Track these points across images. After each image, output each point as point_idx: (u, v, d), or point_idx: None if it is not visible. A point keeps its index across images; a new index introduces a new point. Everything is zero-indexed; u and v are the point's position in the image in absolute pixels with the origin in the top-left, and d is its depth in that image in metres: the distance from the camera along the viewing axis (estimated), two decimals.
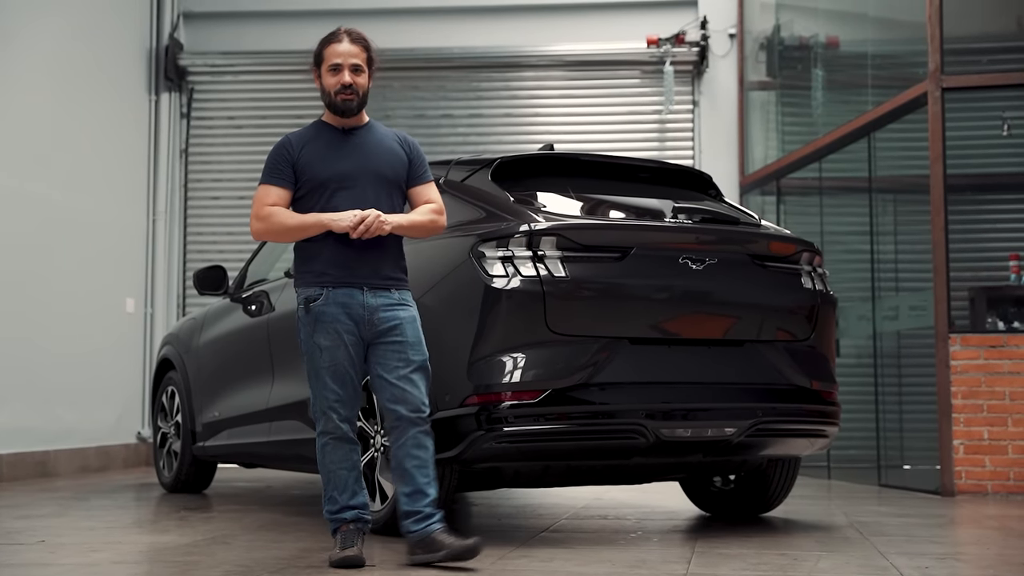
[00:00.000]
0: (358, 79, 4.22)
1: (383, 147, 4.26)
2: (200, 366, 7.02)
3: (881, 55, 8.67)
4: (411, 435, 4.05)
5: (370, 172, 4.19)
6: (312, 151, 4.18)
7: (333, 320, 4.07)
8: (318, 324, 4.07)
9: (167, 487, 7.37)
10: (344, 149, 4.20)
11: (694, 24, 10.42)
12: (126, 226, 10.07)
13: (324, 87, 4.23)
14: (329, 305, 4.07)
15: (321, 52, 4.24)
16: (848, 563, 4.21)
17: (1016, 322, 7.68)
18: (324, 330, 4.07)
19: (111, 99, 9.87)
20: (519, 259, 4.56)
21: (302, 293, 4.14)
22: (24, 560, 4.31)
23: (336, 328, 4.07)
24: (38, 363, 8.48)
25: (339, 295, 4.08)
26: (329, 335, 4.07)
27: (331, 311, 4.07)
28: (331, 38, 4.25)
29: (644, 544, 4.72)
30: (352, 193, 4.13)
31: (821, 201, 9.44)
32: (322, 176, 4.14)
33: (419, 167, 4.31)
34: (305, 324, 4.11)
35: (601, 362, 4.57)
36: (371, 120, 4.35)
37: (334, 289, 4.08)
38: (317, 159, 4.16)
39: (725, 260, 4.89)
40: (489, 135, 10.61)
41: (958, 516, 6.10)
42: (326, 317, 4.07)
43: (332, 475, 4.12)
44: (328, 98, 4.22)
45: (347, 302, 4.08)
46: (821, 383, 5.11)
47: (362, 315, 4.08)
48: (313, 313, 4.08)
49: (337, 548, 4.04)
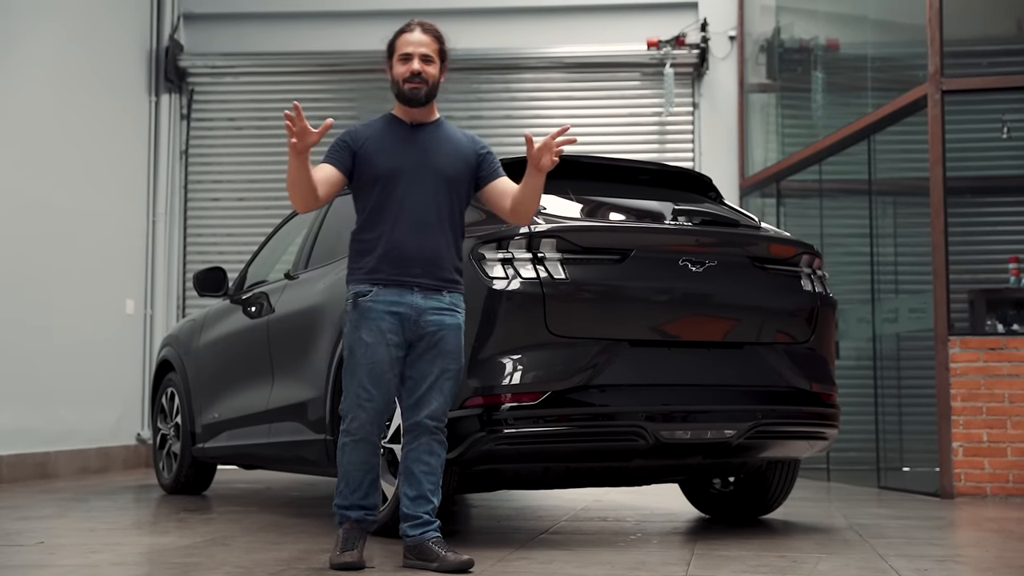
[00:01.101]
0: (428, 68, 4.10)
1: (449, 146, 4.18)
2: (200, 367, 7.02)
3: (881, 58, 8.68)
4: (424, 441, 4.04)
5: (430, 169, 4.10)
6: (376, 143, 4.11)
7: (379, 318, 3.99)
8: (363, 320, 3.99)
9: (167, 488, 7.36)
10: (408, 144, 4.12)
11: (694, 26, 10.43)
12: (126, 227, 10.07)
13: (394, 77, 4.13)
14: (378, 302, 4.00)
15: (393, 43, 4.15)
16: (847, 565, 4.21)
17: (1016, 325, 7.69)
18: (369, 327, 3.99)
19: (111, 100, 9.87)
20: (519, 261, 4.56)
21: (352, 288, 4.06)
22: (24, 561, 4.31)
23: (380, 326, 3.99)
24: (38, 364, 8.48)
25: (389, 293, 4.01)
26: (372, 332, 3.99)
27: (378, 308, 3.99)
28: (404, 28, 4.16)
29: (644, 546, 4.73)
30: (411, 188, 4.06)
31: (821, 203, 9.45)
32: (381, 170, 4.07)
33: (492, 164, 4.28)
34: (351, 319, 4.03)
35: (601, 364, 4.57)
36: (441, 118, 4.28)
37: (385, 287, 4.01)
38: (380, 152, 4.09)
39: (725, 262, 4.89)
40: (489, 137, 10.42)
41: (957, 518, 6.10)
42: (372, 314, 3.99)
43: (348, 474, 4.07)
44: (396, 87, 4.13)
45: (396, 301, 4.00)
46: (821, 385, 5.12)
47: (409, 316, 4.01)
48: (360, 308, 4.01)
49: (337, 549, 4.02)
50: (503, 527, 5.43)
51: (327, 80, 10.82)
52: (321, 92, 10.85)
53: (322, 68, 10.80)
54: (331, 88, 10.80)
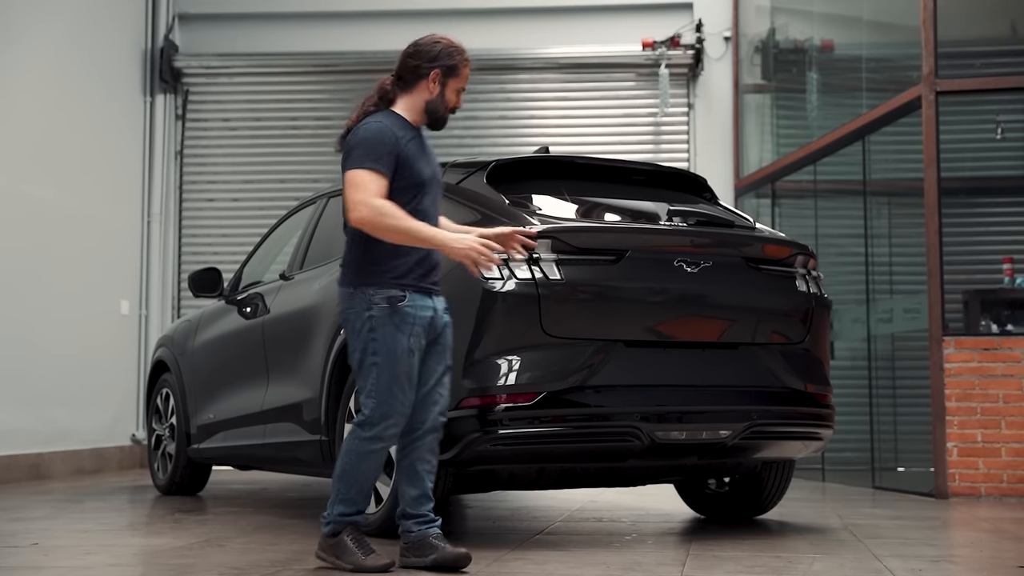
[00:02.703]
0: None
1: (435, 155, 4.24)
2: (195, 368, 7.01)
3: (875, 59, 8.69)
4: (430, 440, 4.06)
5: (438, 178, 4.19)
6: (414, 147, 4.04)
7: (420, 324, 3.97)
8: (405, 326, 3.92)
9: (162, 489, 7.36)
10: (425, 151, 4.12)
11: (689, 27, 10.44)
12: (121, 228, 10.06)
13: (446, 98, 4.11)
14: (417, 308, 3.96)
15: (459, 68, 4.14)
16: (842, 565, 4.22)
17: (1010, 325, 7.70)
18: (413, 333, 3.94)
19: (106, 101, 9.86)
20: (514, 262, 4.56)
21: (382, 293, 3.94)
22: (18, 563, 4.30)
23: (419, 332, 3.97)
24: (32, 365, 8.46)
25: (420, 299, 3.99)
26: (416, 338, 3.95)
27: (420, 315, 3.97)
28: (468, 59, 4.19)
29: (639, 546, 4.73)
30: (432, 198, 4.09)
31: (816, 204, 9.46)
32: (423, 175, 4.03)
33: None
34: (388, 323, 3.91)
35: (596, 365, 4.58)
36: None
37: (415, 293, 3.99)
38: (418, 156, 4.04)
39: (720, 263, 4.90)
40: (484, 138, 10.61)
41: (952, 518, 6.12)
42: (415, 320, 3.95)
43: (363, 483, 4.02)
44: (441, 110, 4.11)
45: (425, 306, 4.01)
46: (815, 386, 5.12)
47: (433, 319, 4.03)
48: (402, 313, 3.92)
49: (360, 555, 3.96)
50: (498, 528, 5.44)
51: (322, 80, 10.81)
52: (316, 93, 10.84)
53: (317, 68, 10.79)
54: (326, 89, 10.78)
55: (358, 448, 3.97)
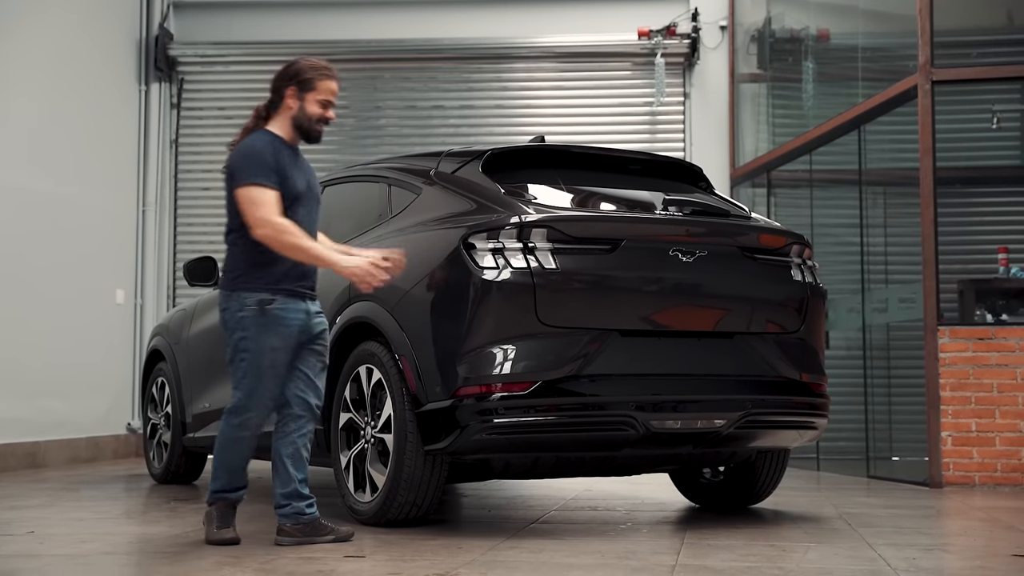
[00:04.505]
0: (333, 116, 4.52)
1: (313, 171, 4.59)
2: (190, 357, 7.01)
3: (871, 48, 8.69)
4: (311, 428, 4.44)
5: (315, 191, 4.52)
6: (286, 162, 4.38)
7: (287, 325, 4.31)
8: (271, 326, 4.28)
9: (157, 478, 7.36)
10: (299, 166, 4.45)
11: (685, 16, 10.42)
12: (116, 217, 10.04)
13: (307, 112, 4.42)
14: (286, 310, 4.31)
15: (314, 82, 4.43)
16: (836, 554, 4.23)
17: (1004, 314, 7.71)
18: (278, 333, 4.29)
19: (101, 89, 9.84)
20: (510, 251, 4.56)
21: (253, 296, 4.29)
22: (13, 551, 4.31)
23: (287, 332, 4.31)
24: (28, 354, 8.46)
25: (291, 302, 4.33)
26: (281, 338, 4.30)
27: (287, 316, 4.31)
28: (327, 73, 4.47)
29: (634, 535, 4.74)
30: (307, 210, 4.42)
31: (811, 194, 9.46)
32: (295, 189, 4.36)
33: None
34: (255, 324, 4.28)
35: (591, 354, 4.58)
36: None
37: (287, 296, 4.32)
38: (290, 171, 4.37)
39: (715, 252, 4.90)
40: (480, 127, 10.60)
41: (946, 507, 6.13)
42: (282, 321, 4.30)
43: (231, 463, 4.39)
44: (307, 123, 4.43)
45: (297, 308, 4.34)
46: (810, 375, 5.13)
47: (304, 321, 4.37)
48: (269, 315, 4.28)
49: (214, 527, 4.36)
50: (493, 516, 5.44)
51: None
52: None
53: (312, 57, 10.75)
54: None
55: (228, 434, 4.39)
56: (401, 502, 4.72)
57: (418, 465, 4.66)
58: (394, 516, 4.76)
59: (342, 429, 5.10)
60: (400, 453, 4.67)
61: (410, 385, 4.66)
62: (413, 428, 4.65)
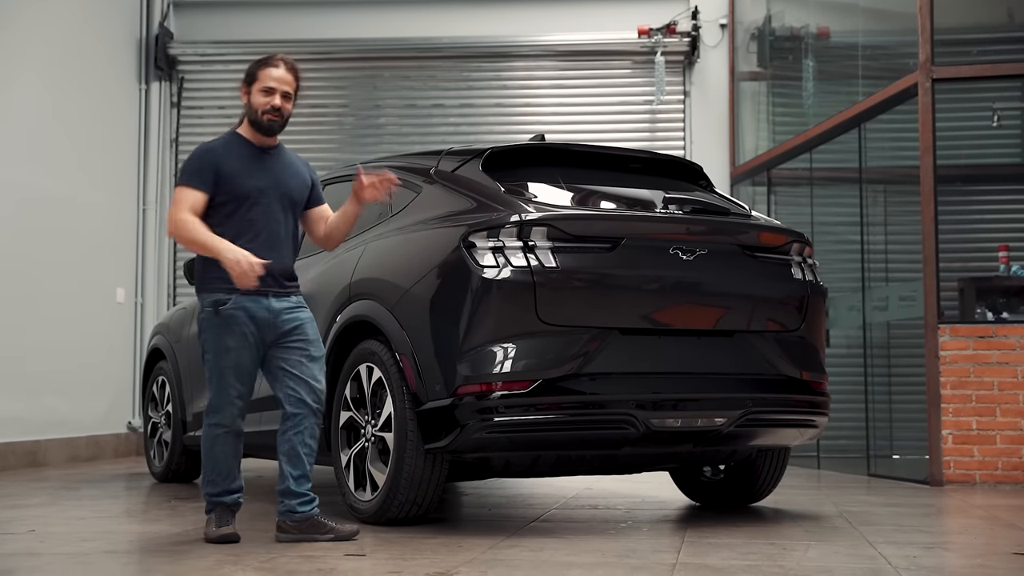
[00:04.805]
0: (286, 104, 4.48)
1: (292, 169, 4.57)
2: (190, 356, 7.00)
3: (872, 46, 8.68)
4: (310, 424, 4.40)
5: (280, 191, 4.49)
6: (234, 163, 4.42)
7: (242, 323, 4.35)
8: (225, 327, 4.35)
9: (158, 477, 7.36)
10: (260, 166, 4.47)
11: (685, 14, 10.42)
12: (116, 216, 10.04)
13: (253, 105, 4.46)
14: (239, 309, 4.34)
15: (256, 72, 4.49)
16: (837, 552, 4.23)
17: (1005, 312, 7.71)
18: (232, 332, 4.35)
19: (101, 88, 9.83)
20: (510, 249, 4.56)
21: (209, 297, 4.37)
22: (14, 549, 4.31)
23: (243, 331, 4.35)
24: (28, 353, 8.46)
25: (246, 300, 4.35)
26: (236, 337, 4.35)
27: (240, 315, 4.34)
28: (268, 62, 4.51)
29: (634, 534, 4.74)
30: (264, 209, 4.43)
31: (811, 192, 9.46)
32: (243, 189, 4.39)
33: (319, 190, 4.71)
34: (212, 326, 4.36)
35: (591, 352, 4.57)
36: (281, 143, 4.63)
37: (242, 295, 4.33)
38: (238, 171, 4.41)
39: (715, 251, 4.90)
40: (480, 125, 10.60)
41: (946, 505, 6.13)
42: (235, 320, 4.34)
43: (218, 463, 4.43)
44: (255, 116, 4.46)
45: (254, 307, 4.36)
46: (811, 373, 5.13)
47: (267, 319, 4.38)
48: (223, 316, 4.34)
49: (213, 526, 4.38)
50: (493, 515, 5.44)
51: (317, 68, 10.77)
52: (311, 80, 10.77)
53: (312, 56, 10.75)
54: (321, 76, 10.75)
55: (207, 432, 4.44)
56: (401, 501, 4.72)
57: (418, 464, 4.66)
58: (394, 515, 4.76)
59: (342, 428, 5.10)
60: (400, 452, 4.67)
61: (410, 383, 4.66)
62: (413, 427, 4.65)
